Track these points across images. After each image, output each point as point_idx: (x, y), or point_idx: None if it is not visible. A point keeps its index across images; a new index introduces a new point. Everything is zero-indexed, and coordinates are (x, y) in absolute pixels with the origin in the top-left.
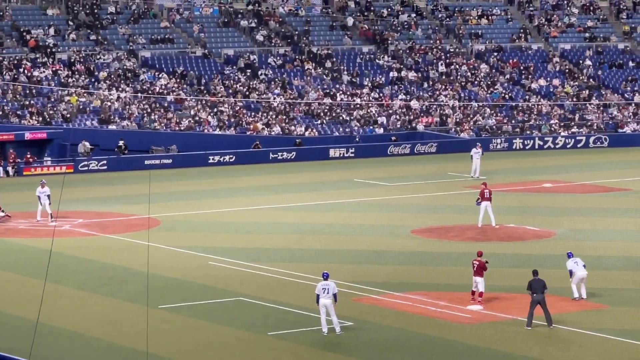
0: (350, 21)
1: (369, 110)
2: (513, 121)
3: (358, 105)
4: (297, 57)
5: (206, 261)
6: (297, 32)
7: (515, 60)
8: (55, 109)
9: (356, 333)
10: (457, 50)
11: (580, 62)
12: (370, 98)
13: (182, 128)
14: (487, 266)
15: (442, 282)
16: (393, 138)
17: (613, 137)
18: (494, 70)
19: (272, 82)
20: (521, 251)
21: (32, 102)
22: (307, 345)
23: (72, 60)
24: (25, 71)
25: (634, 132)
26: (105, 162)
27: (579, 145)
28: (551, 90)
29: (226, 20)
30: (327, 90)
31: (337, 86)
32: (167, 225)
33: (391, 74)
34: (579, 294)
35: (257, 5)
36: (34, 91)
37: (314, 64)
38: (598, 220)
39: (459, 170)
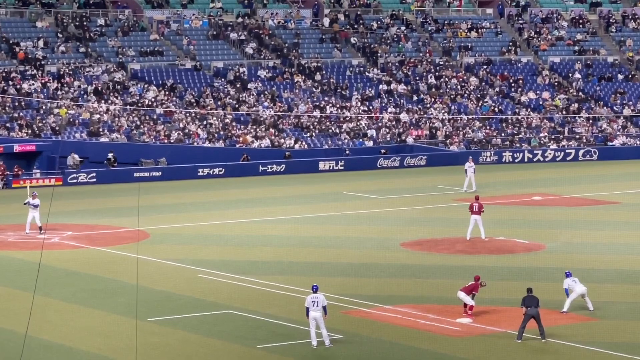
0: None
1: (358, 123)
2: (502, 134)
3: (347, 118)
4: (286, 69)
5: (195, 274)
6: (286, 45)
7: (504, 73)
8: (44, 121)
9: (346, 346)
10: (446, 63)
11: (570, 75)
12: (360, 111)
13: (171, 141)
14: (480, 289)
15: (432, 295)
16: (382, 151)
17: (602, 150)
18: (483, 83)
19: (262, 95)
20: (511, 264)
21: (21, 114)
22: (296, 358)
23: (62, 72)
24: (15, 83)
25: (623, 145)
26: (94, 174)
27: (568, 158)
28: (541, 103)
29: (216, 32)
30: (317, 103)
31: (327, 99)
32: (156, 237)
33: (381, 87)
34: (568, 308)
35: (246, 18)
36: (23, 103)
37: (303, 77)
38: (587, 233)
39: (449, 183)
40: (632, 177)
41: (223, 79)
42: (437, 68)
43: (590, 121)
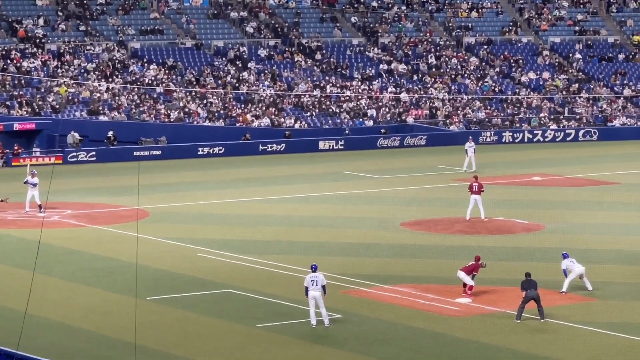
0: None
1: (358, 103)
2: (503, 114)
3: (348, 98)
4: (286, 49)
5: (195, 253)
6: (287, 24)
7: (505, 53)
8: (44, 99)
9: (345, 325)
10: (447, 43)
11: (570, 55)
12: (360, 90)
13: (171, 119)
14: (480, 270)
15: (431, 275)
16: (382, 130)
17: (602, 130)
18: (483, 63)
19: (262, 74)
20: (510, 244)
21: (21, 92)
22: (295, 337)
23: (62, 51)
24: (15, 62)
25: (623, 125)
26: (94, 153)
27: (568, 139)
28: (541, 83)
29: (216, 11)
30: (317, 83)
31: (327, 78)
32: (156, 216)
33: (381, 67)
34: (567, 288)
35: None
36: (23, 82)
37: (303, 56)
38: (587, 213)
39: (449, 163)
40: (632, 158)
41: (223, 58)
42: (438, 48)
43: (591, 101)
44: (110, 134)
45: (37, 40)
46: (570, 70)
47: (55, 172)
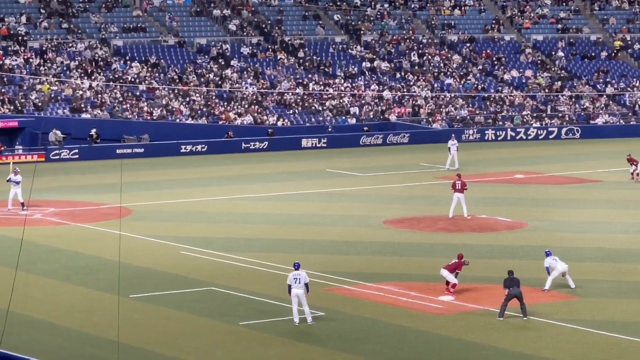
0: None
1: (341, 101)
2: (485, 112)
3: (330, 96)
4: (269, 46)
5: (178, 251)
6: (269, 22)
7: (487, 51)
8: (26, 97)
9: (328, 323)
10: (429, 40)
11: (553, 53)
12: (343, 88)
13: (154, 117)
14: (463, 268)
15: (414, 273)
16: (365, 128)
17: (585, 128)
18: (466, 61)
19: (245, 72)
20: (493, 242)
21: (3, 90)
22: (278, 335)
23: (44, 48)
24: None
25: (605, 123)
26: (76, 151)
27: (550, 137)
28: (523, 81)
29: (199, 9)
30: (300, 80)
31: (310, 76)
32: (138, 214)
33: (364, 64)
34: (550, 286)
35: None
36: (5, 79)
37: (286, 54)
38: (569, 211)
39: (431, 160)
40: (614, 156)
41: (206, 56)
42: (420, 45)
43: (573, 99)
44: (92, 131)
45: (20, 38)
46: (553, 68)
47: (37, 170)
